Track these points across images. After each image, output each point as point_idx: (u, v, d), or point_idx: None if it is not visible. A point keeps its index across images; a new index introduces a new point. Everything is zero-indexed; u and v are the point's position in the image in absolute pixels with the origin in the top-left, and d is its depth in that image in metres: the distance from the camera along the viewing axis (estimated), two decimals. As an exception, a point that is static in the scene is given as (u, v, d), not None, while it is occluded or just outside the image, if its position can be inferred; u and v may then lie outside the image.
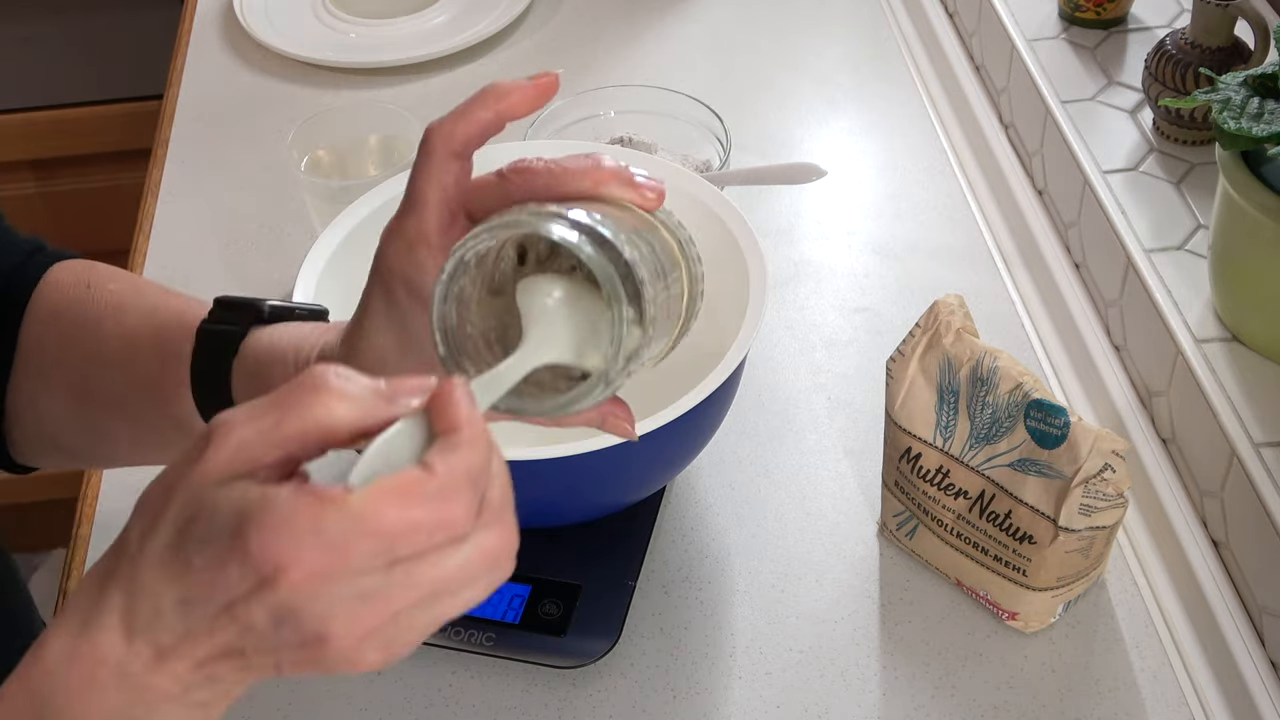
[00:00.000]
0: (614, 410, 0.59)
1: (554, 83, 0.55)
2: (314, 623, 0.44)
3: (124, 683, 0.46)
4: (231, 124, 1.23)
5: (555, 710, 0.78)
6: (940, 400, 0.79)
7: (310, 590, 0.43)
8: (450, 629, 0.80)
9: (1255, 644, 0.79)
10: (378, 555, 0.43)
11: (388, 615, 0.45)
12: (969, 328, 0.80)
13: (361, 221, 0.85)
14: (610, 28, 1.33)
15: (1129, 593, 0.83)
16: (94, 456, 0.75)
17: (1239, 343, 0.86)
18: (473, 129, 0.55)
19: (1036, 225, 1.07)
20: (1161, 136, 1.01)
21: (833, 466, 0.91)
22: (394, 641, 0.46)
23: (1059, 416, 0.74)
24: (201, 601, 0.44)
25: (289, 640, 0.44)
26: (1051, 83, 1.08)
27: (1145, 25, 1.13)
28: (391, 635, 0.45)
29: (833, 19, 1.34)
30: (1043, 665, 0.80)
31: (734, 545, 0.87)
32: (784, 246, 1.08)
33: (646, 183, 0.55)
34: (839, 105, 1.23)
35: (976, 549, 0.79)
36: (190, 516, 0.45)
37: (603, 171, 0.54)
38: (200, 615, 0.45)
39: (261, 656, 0.45)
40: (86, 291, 0.72)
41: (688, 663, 0.80)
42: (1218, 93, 0.82)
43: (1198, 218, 0.95)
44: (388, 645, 0.45)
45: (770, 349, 1.00)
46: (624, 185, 0.54)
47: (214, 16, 1.37)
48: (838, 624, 0.82)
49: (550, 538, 0.84)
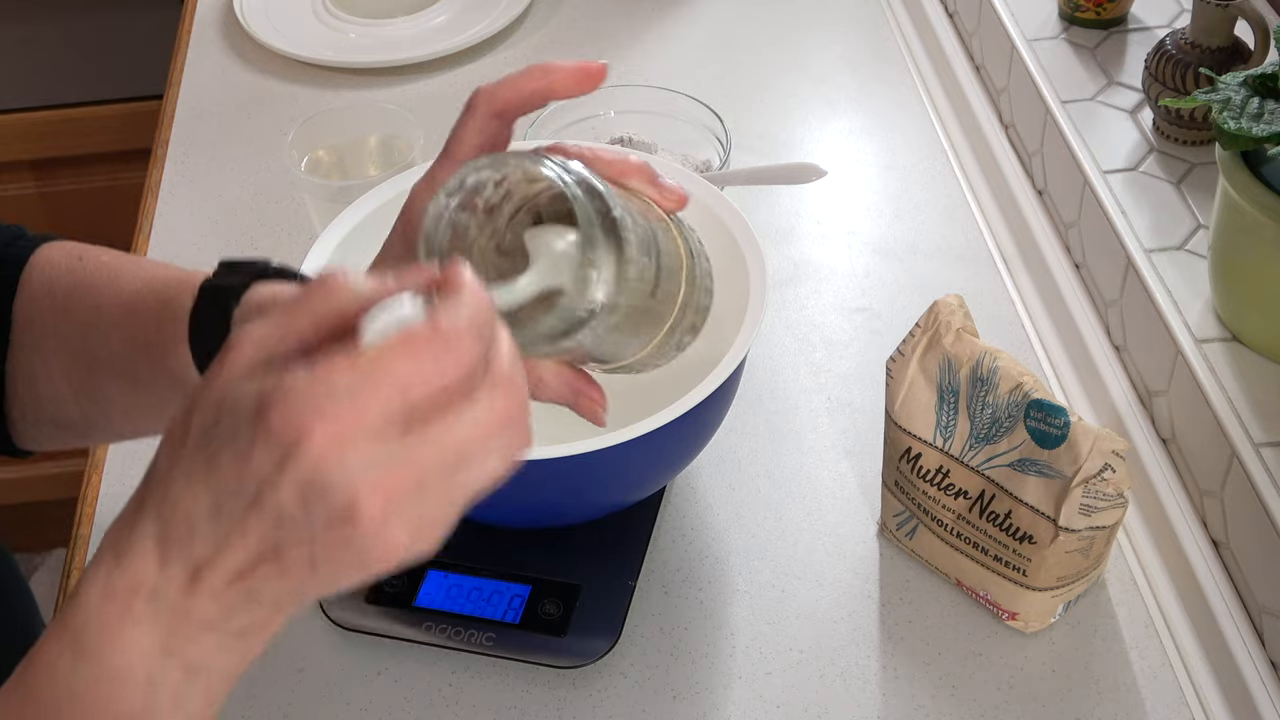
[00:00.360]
0: (588, 391, 0.60)
1: (601, 71, 0.58)
2: (340, 493, 0.44)
3: (161, 612, 0.46)
4: (231, 124, 1.23)
5: (555, 710, 0.78)
6: (940, 400, 0.79)
7: (333, 455, 0.43)
8: (450, 629, 0.80)
9: (1255, 644, 0.79)
10: (392, 411, 0.44)
11: (411, 481, 0.44)
12: (969, 328, 0.80)
13: (361, 221, 0.85)
14: (610, 28, 1.33)
15: (1129, 593, 0.83)
16: (92, 428, 0.75)
17: (1239, 343, 0.86)
18: (515, 96, 0.58)
19: (1036, 225, 1.07)
20: (1161, 136, 1.01)
21: (833, 466, 0.91)
22: (422, 518, 0.45)
23: (1059, 416, 0.74)
24: (231, 497, 0.45)
25: (318, 519, 0.44)
26: (1051, 83, 1.08)
27: (1145, 25, 1.13)
28: (419, 509, 0.45)
29: (833, 19, 1.34)
30: (1043, 665, 0.80)
31: (734, 545, 0.87)
32: (784, 246, 1.08)
33: (669, 184, 0.58)
34: (839, 105, 1.23)
35: (976, 549, 0.79)
36: (214, 419, 0.45)
37: (629, 164, 0.57)
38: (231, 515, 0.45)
39: (295, 549, 0.45)
40: (80, 264, 0.72)
41: (688, 663, 0.80)
42: (1218, 93, 0.82)
43: (1198, 218, 0.95)
44: (416, 521, 0.45)
45: (770, 349, 1.00)
46: (646, 180, 0.57)
47: (214, 16, 1.37)
48: (838, 624, 0.82)
49: (550, 538, 0.84)
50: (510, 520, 0.83)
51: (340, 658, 0.81)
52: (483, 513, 0.82)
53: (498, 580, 0.82)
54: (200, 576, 0.46)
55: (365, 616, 0.81)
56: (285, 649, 0.82)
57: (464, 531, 0.86)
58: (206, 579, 0.46)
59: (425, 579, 0.82)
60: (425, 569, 0.83)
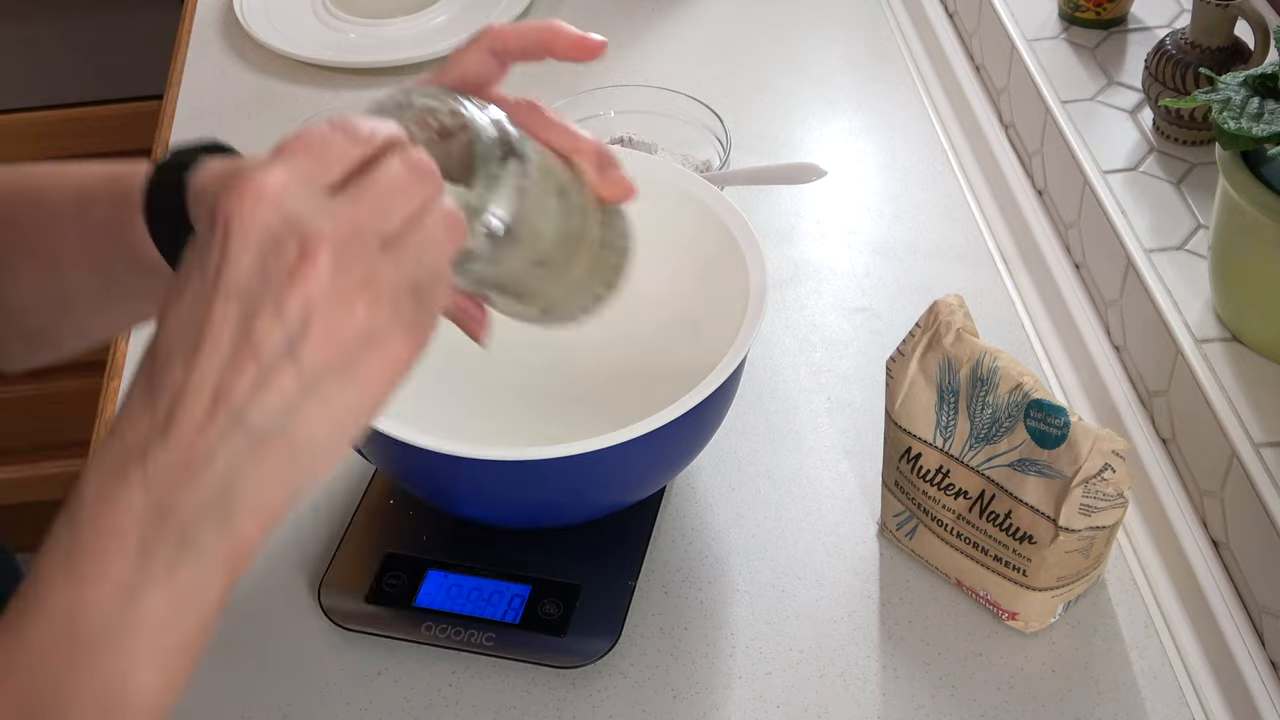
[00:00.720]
0: (472, 311, 0.63)
1: (600, 46, 0.62)
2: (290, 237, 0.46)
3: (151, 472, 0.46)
4: (231, 124, 1.23)
5: (555, 710, 0.78)
6: (940, 400, 0.79)
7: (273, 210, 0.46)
8: (450, 629, 0.80)
9: (1255, 644, 0.79)
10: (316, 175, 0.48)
11: (348, 228, 0.47)
12: (969, 328, 0.80)
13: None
14: (610, 28, 1.33)
15: (1129, 593, 0.83)
16: (61, 335, 0.74)
17: (1239, 343, 0.86)
18: (519, 42, 0.61)
19: (1036, 225, 1.07)
20: (1161, 136, 1.01)
21: (833, 466, 0.91)
22: (376, 281, 0.47)
23: (1059, 416, 0.74)
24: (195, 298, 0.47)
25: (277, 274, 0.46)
26: (1051, 83, 1.08)
27: (1145, 25, 1.13)
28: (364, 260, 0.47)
29: (833, 19, 1.34)
30: (1043, 665, 0.80)
31: (734, 545, 0.87)
32: (784, 246, 1.08)
33: (615, 175, 0.61)
34: (839, 105, 1.23)
35: (976, 549, 0.79)
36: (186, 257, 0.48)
37: (585, 143, 0.60)
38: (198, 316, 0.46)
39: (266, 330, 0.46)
40: (22, 174, 0.72)
41: (688, 663, 0.80)
42: (1218, 93, 0.82)
43: (1198, 218, 0.95)
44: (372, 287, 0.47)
45: (770, 349, 1.00)
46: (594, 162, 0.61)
47: (214, 16, 1.37)
48: (838, 624, 0.82)
49: (550, 538, 0.84)
50: (510, 520, 0.83)
51: (340, 658, 0.81)
52: (483, 513, 0.82)
53: (498, 580, 0.82)
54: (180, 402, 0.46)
55: (365, 616, 0.81)
56: (285, 649, 0.82)
57: (464, 531, 0.87)
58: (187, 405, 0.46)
59: (425, 579, 0.82)
60: (425, 569, 0.83)
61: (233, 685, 0.80)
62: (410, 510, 0.87)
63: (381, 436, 0.74)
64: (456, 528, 0.85)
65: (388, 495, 0.88)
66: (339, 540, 0.85)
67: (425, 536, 0.85)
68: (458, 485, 0.79)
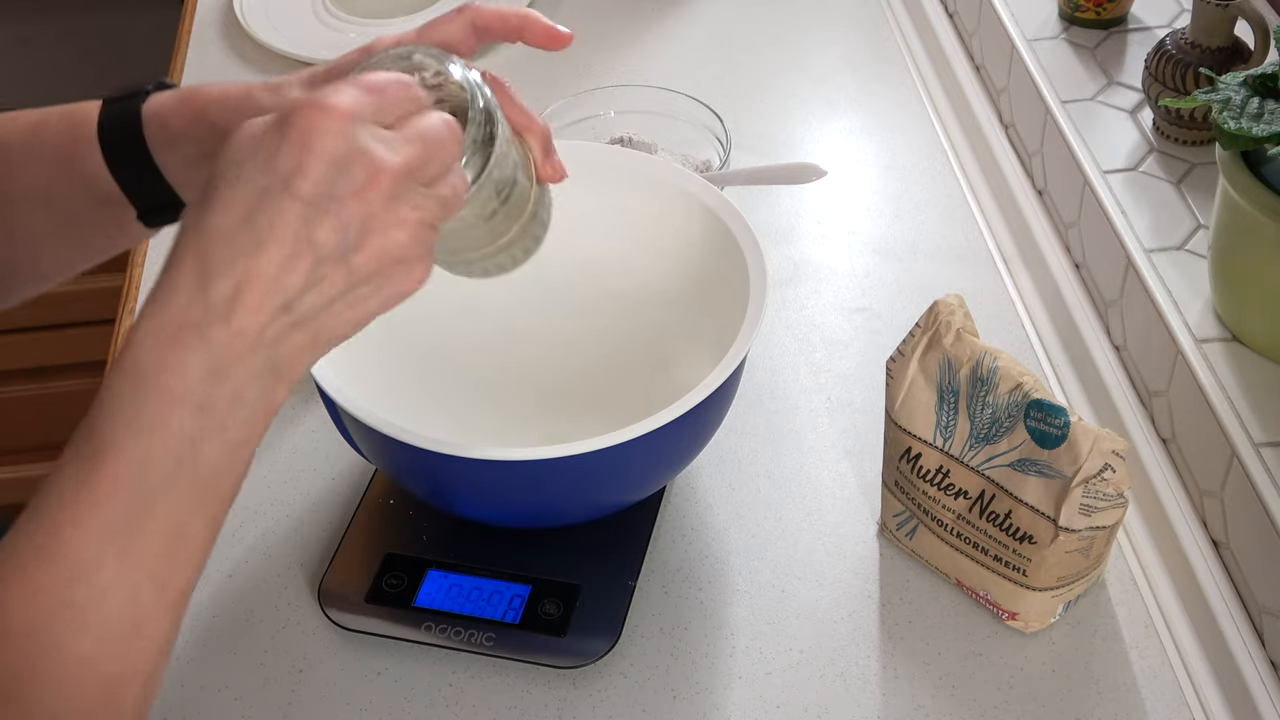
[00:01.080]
0: None
1: (567, 38, 0.70)
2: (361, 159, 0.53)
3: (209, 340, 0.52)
4: (231, 124, 1.23)
5: (555, 710, 0.78)
6: (940, 400, 0.79)
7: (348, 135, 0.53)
8: (450, 629, 0.80)
9: (1255, 644, 0.79)
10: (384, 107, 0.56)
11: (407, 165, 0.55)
12: (969, 328, 0.80)
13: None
14: (610, 28, 1.33)
15: (1129, 593, 0.83)
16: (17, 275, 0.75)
17: (1239, 343, 0.86)
18: (498, 22, 0.67)
19: (1036, 225, 1.07)
20: (1161, 136, 1.01)
21: (833, 466, 0.91)
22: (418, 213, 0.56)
23: (1059, 416, 0.74)
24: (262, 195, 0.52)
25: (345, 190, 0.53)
26: (1051, 83, 1.08)
27: (1145, 25, 1.13)
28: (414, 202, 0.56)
29: (833, 19, 1.34)
30: (1043, 665, 0.80)
31: (734, 545, 0.87)
32: (784, 246, 1.08)
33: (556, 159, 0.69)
34: (839, 105, 1.23)
35: (976, 549, 0.79)
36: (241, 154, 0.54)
37: (538, 124, 0.67)
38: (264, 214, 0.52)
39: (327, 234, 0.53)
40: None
41: (688, 663, 0.80)
42: (1218, 93, 0.82)
43: (1198, 218, 0.95)
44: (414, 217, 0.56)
45: (770, 349, 1.00)
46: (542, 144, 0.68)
47: (214, 16, 1.37)
48: (838, 624, 0.82)
49: (550, 538, 0.84)
50: (510, 520, 0.83)
51: (340, 658, 0.81)
52: (483, 513, 0.82)
53: (498, 580, 0.82)
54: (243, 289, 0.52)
55: (365, 616, 0.81)
56: (285, 649, 0.82)
57: (464, 531, 0.87)
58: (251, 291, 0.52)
59: (425, 579, 0.82)
60: (425, 569, 0.83)
61: (233, 685, 0.80)
62: (410, 510, 0.87)
63: (381, 436, 0.74)
64: (456, 528, 0.85)
65: (388, 495, 0.88)
66: (339, 540, 0.85)
67: (425, 536, 0.85)
68: (457, 485, 0.79)
